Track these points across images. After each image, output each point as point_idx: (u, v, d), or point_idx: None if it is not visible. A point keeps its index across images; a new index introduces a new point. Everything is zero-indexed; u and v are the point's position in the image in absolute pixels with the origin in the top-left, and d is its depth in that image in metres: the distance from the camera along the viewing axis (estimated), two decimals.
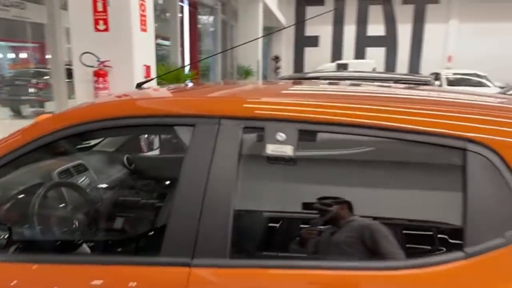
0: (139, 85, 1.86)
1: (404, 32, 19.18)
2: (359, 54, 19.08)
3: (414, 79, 4.90)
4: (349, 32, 19.37)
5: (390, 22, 19.17)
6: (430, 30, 19.07)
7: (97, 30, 3.69)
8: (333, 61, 16.91)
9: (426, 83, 4.63)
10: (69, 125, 1.33)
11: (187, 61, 9.33)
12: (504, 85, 11.96)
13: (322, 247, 1.62)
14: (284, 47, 19.72)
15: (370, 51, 19.08)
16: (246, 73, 12.64)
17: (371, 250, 1.45)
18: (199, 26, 11.45)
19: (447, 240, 1.60)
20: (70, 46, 4.11)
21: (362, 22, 19.28)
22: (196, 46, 10.76)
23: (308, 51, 19.98)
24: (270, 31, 15.27)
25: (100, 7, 3.66)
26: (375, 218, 1.57)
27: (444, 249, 1.48)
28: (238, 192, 1.19)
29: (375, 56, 17.44)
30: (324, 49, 19.53)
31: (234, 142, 1.19)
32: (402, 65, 18.68)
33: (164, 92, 1.85)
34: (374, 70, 11.32)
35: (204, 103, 1.39)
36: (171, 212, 1.20)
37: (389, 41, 19.26)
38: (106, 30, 3.68)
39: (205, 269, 1.13)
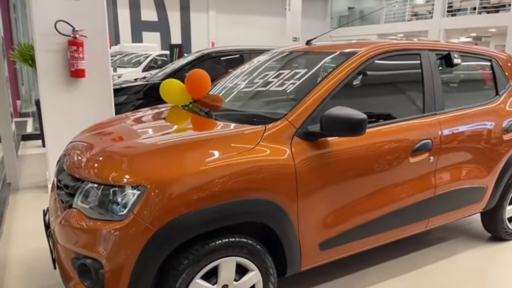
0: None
1: (174, 19, 21.14)
2: (136, 38, 19.88)
3: None
4: (124, 15, 19.81)
5: (161, 8, 20.69)
6: (195, 18, 21.73)
7: None
8: (115, 44, 17.15)
9: None
10: None
11: None
12: None
13: None
14: None
15: (146, 35, 20.16)
16: None
17: None
18: None
19: None
20: None
21: (135, 6, 20.03)
22: None
23: None
24: None
25: None
26: None
27: None
28: None
29: (151, 40, 18.69)
30: None
31: None
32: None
33: None
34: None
35: None
36: None
37: (162, 27, 20.82)
38: None
39: None
